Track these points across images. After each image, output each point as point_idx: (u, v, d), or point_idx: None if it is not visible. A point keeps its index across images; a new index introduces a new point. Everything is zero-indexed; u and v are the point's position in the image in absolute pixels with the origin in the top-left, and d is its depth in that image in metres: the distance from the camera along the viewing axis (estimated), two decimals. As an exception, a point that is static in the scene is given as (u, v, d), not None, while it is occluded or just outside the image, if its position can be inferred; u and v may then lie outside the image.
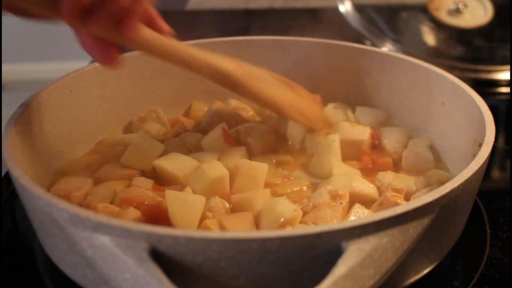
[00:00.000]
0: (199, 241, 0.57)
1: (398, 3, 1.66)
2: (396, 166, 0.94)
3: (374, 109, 1.07)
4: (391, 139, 0.98)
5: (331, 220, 0.77)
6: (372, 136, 0.98)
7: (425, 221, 0.63)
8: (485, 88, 1.36)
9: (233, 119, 1.03)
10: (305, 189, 0.89)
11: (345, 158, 0.94)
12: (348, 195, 0.81)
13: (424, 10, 1.55)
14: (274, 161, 0.95)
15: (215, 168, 0.84)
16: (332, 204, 0.79)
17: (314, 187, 0.89)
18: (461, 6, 1.50)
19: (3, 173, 0.97)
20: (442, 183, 0.69)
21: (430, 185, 0.85)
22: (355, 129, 0.98)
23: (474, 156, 0.72)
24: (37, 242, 0.80)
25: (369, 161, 0.94)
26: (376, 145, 0.98)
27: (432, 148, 0.95)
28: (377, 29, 1.52)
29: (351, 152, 0.95)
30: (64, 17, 0.65)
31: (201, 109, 1.09)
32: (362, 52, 1.08)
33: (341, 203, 0.79)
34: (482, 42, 1.54)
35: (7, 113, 0.83)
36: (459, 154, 0.89)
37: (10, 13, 0.66)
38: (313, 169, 0.94)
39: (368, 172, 0.93)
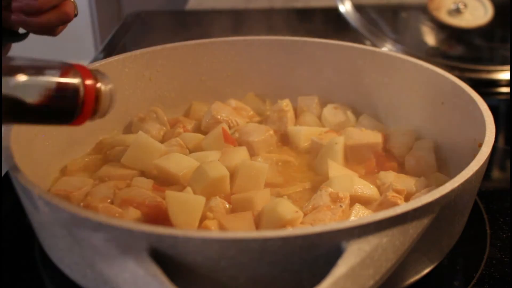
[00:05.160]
0: (199, 241, 0.57)
1: (398, 3, 1.66)
2: (401, 169, 0.94)
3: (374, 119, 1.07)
4: (397, 142, 0.97)
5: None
6: (384, 139, 0.98)
7: (425, 221, 0.63)
8: (485, 88, 1.35)
9: (233, 119, 1.03)
10: (306, 190, 0.89)
11: (352, 162, 0.94)
12: (348, 197, 0.81)
13: (424, 10, 1.54)
14: (274, 161, 0.95)
15: (215, 168, 0.84)
16: (332, 207, 0.79)
17: (315, 188, 0.89)
18: (461, 6, 1.49)
19: (3, 173, 0.97)
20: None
21: (430, 186, 0.85)
22: (366, 133, 0.97)
23: (474, 156, 0.72)
24: (37, 242, 0.80)
25: (375, 166, 0.94)
26: (384, 148, 0.98)
27: (436, 150, 0.95)
28: (377, 29, 1.52)
29: (360, 157, 0.95)
30: None
31: (201, 109, 1.09)
32: (362, 52, 1.08)
33: (340, 206, 0.79)
34: (482, 42, 1.54)
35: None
36: (459, 154, 0.88)
37: None
38: (315, 170, 0.94)
39: (371, 174, 0.92)
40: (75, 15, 0.84)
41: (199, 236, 0.57)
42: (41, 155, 0.86)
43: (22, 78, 0.60)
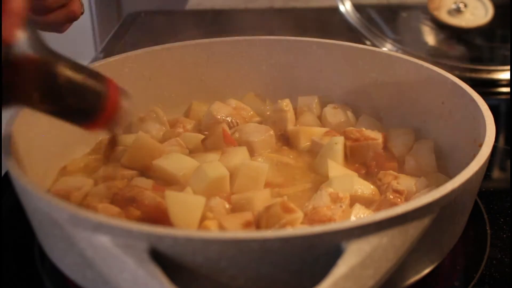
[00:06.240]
0: (199, 241, 0.57)
1: (398, 3, 1.66)
2: (401, 169, 0.94)
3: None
4: (397, 143, 0.97)
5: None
6: (384, 139, 0.98)
7: (425, 221, 0.63)
8: (485, 88, 1.35)
9: (233, 119, 1.03)
10: (306, 190, 0.89)
11: (352, 162, 0.94)
12: (348, 197, 0.81)
13: (424, 10, 1.55)
14: (275, 161, 0.95)
15: (215, 168, 0.84)
16: (332, 207, 0.79)
17: (315, 188, 0.89)
18: (461, 6, 1.50)
19: (3, 173, 0.97)
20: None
21: (430, 186, 0.85)
22: (366, 133, 0.97)
23: (474, 156, 0.72)
24: (37, 242, 0.80)
25: (375, 166, 0.94)
26: (384, 148, 0.98)
27: (436, 150, 0.95)
28: (377, 29, 1.52)
29: (360, 157, 0.95)
30: None
31: (201, 109, 1.09)
32: (362, 52, 1.08)
33: (340, 206, 0.79)
34: (482, 42, 1.54)
35: (7, 113, 0.83)
36: (459, 154, 0.88)
37: None
38: (315, 170, 0.94)
39: (371, 174, 0.92)
40: (82, 13, 0.85)
41: (199, 236, 0.57)
42: (41, 155, 0.86)
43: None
